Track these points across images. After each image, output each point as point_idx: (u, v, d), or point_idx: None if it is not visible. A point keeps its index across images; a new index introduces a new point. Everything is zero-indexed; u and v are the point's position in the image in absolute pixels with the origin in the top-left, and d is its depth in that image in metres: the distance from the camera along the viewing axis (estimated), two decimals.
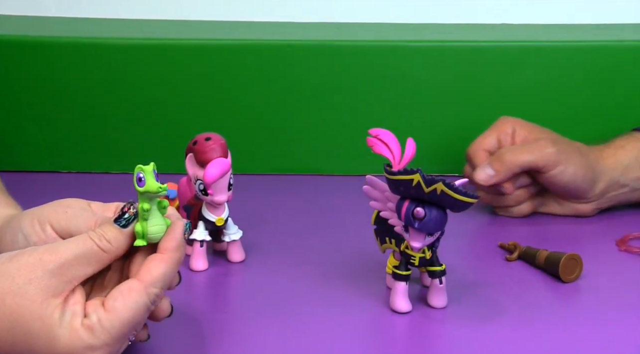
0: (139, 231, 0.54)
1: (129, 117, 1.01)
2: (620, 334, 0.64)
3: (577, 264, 0.73)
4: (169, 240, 0.55)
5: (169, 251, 0.55)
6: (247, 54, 1.00)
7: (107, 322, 0.52)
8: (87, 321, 0.52)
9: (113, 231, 0.54)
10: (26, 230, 0.58)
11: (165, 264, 0.54)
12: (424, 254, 0.65)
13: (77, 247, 0.53)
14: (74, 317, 0.52)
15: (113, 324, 0.52)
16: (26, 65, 1.00)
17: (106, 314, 0.52)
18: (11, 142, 1.02)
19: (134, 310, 0.53)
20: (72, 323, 0.52)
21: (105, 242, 0.53)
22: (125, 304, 0.52)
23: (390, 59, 1.00)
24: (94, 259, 0.53)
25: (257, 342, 0.62)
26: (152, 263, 0.54)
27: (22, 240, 0.57)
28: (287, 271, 0.74)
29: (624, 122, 0.99)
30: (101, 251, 0.53)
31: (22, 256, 0.52)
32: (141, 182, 0.53)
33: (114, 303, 0.52)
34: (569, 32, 1.08)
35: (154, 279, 0.53)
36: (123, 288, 0.53)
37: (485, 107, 1.00)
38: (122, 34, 1.05)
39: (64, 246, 0.53)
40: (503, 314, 0.67)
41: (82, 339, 0.52)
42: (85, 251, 0.53)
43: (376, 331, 0.65)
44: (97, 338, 0.52)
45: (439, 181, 0.59)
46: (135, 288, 0.53)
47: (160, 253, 0.55)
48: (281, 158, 1.02)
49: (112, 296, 0.53)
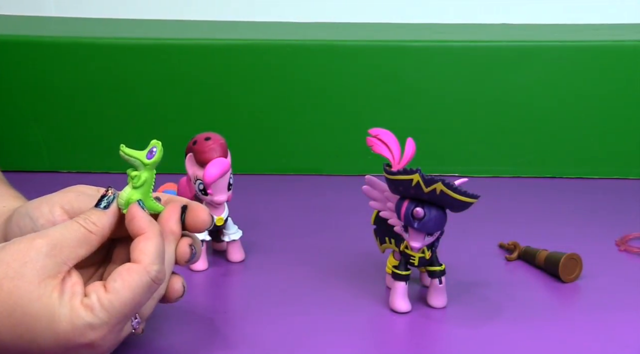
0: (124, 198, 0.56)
1: (129, 117, 1.01)
2: (620, 334, 0.64)
3: (577, 264, 0.73)
4: (138, 220, 0.55)
5: (143, 229, 0.55)
6: (247, 54, 1.00)
7: (106, 301, 0.52)
8: (87, 300, 0.52)
9: (96, 213, 0.56)
10: (33, 213, 0.58)
11: (151, 240, 0.55)
12: (424, 254, 0.65)
13: (66, 230, 0.54)
14: (74, 296, 0.52)
15: (113, 303, 0.52)
16: (26, 65, 1.00)
17: (106, 294, 0.53)
18: (11, 142, 1.02)
19: (135, 289, 0.53)
20: (72, 302, 0.52)
21: (90, 223, 0.55)
22: (124, 284, 0.53)
23: (390, 59, 1.00)
24: (83, 241, 0.54)
25: (257, 342, 0.62)
26: (140, 245, 0.55)
27: (29, 223, 0.58)
28: (287, 271, 0.74)
29: (623, 122, 1.00)
30: (88, 232, 0.54)
31: (13, 244, 0.53)
32: (151, 154, 0.56)
33: (114, 284, 0.53)
34: (569, 32, 1.08)
35: (150, 257, 0.54)
36: (122, 270, 0.54)
37: (486, 107, 1.00)
38: (122, 34, 1.05)
39: (52, 230, 0.54)
40: (503, 314, 0.67)
41: (82, 317, 0.52)
42: (73, 233, 0.54)
43: (376, 331, 0.65)
44: (96, 316, 0.52)
45: (439, 181, 0.59)
46: (135, 269, 0.54)
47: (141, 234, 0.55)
48: (281, 158, 1.02)
49: (112, 277, 0.53)
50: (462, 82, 1.00)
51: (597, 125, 1.00)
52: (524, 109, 1.00)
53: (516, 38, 1.04)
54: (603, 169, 1.01)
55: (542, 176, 1.02)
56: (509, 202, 0.93)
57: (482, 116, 1.01)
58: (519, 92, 1.00)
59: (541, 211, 0.90)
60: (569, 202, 0.94)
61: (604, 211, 0.90)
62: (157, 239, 0.55)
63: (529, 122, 1.00)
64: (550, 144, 1.01)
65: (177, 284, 0.58)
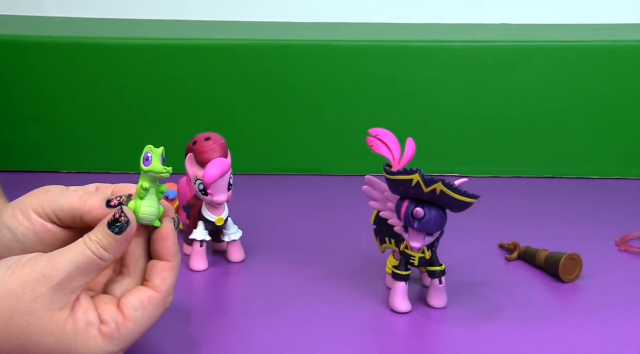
0: (131, 208, 0.54)
1: (129, 117, 1.01)
2: (620, 334, 0.64)
3: (576, 264, 0.73)
4: (170, 246, 0.56)
5: (172, 257, 0.56)
6: (247, 54, 1.00)
7: (125, 330, 0.53)
8: (106, 329, 0.53)
9: (108, 239, 0.53)
10: (10, 223, 0.57)
11: (174, 271, 0.56)
12: (424, 254, 0.65)
13: (77, 259, 0.52)
14: (89, 326, 0.52)
15: (131, 332, 0.53)
16: (26, 65, 1.00)
17: (125, 322, 0.53)
18: (11, 142, 1.02)
19: (153, 320, 0.55)
20: (88, 332, 0.52)
21: (102, 251, 0.53)
22: (145, 315, 0.54)
23: (390, 59, 1.00)
24: (94, 268, 0.53)
25: (257, 342, 0.62)
26: (165, 273, 0.55)
27: (8, 234, 0.57)
28: (287, 271, 0.74)
29: (624, 122, 1.00)
30: (99, 260, 0.53)
31: (23, 271, 0.52)
32: (147, 161, 0.54)
33: (135, 313, 0.53)
34: (569, 32, 1.08)
35: (169, 288, 0.55)
36: (143, 298, 0.54)
37: (486, 107, 1.00)
38: (122, 34, 1.05)
39: (63, 258, 0.52)
40: (503, 314, 0.67)
41: (101, 347, 0.52)
42: (85, 261, 0.52)
43: (376, 331, 0.65)
44: (115, 344, 0.53)
45: (438, 181, 0.59)
46: (155, 299, 0.54)
47: (167, 261, 0.56)
48: (281, 158, 1.02)
49: (131, 304, 0.54)
50: (462, 82, 1.00)
51: (597, 125, 1.00)
52: (523, 109, 1.00)
53: (516, 38, 1.04)
54: (603, 169, 1.01)
55: (542, 176, 1.02)
56: (509, 202, 0.93)
57: (482, 116, 1.01)
58: (519, 92, 1.00)
59: (541, 211, 0.90)
60: (569, 202, 0.94)
61: (604, 211, 0.90)
62: (177, 272, 0.56)
63: (529, 122, 1.00)
64: (550, 144, 1.01)
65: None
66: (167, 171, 0.54)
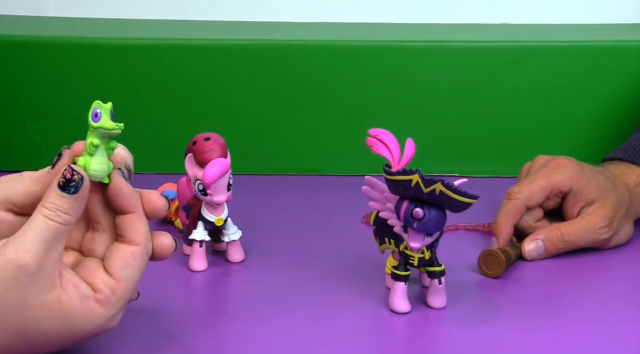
0: (80, 165, 0.54)
1: (129, 117, 1.00)
2: (620, 334, 0.64)
3: (497, 260, 0.72)
4: (127, 198, 0.55)
5: (134, 207, 0.55)
6: (247, 54, 1.00)
7: (120, 291, 0.53)
8: (101, 296, 0.53)
9: (67, 201, 0.52)
10: None
11: (143, 218, 0.55)
12: (423, 255, 0.65)
13: (42, 233, 0.51)
14: (85, 299, 0.52)
15: (126, 290, 0.54)
16: (26, 65, 1.00)
17: (118, 284, 0.53)
18: (11, 141, 1.02)
19: (142, 271, 0.55)
20: (86, 305, 0.52)
21: (65, 215, 0.52)
22: (134, 270, 0.54)
23: (390, 59, 1.00)
24: (61, 236, 0.52)
25: (256, 342, 0.62)
26: (135, 225, 0.55)
27: None
28: (287, 271, 0.74)
29: (623, 122, 0.99)
30: (63, 226, 0.52)
31: None
32: (97, 117, 0.54)
33: (123, 273, 0.54)
34: (569, 32, 1.08)
35: (145, 237, 0.55)
36: (126, 256, 0.54)
37: (486, 107, 1.00)
38: (122, 34, 1.05)
39: (29, 239, 0.51)
40: (502, 315, 0.67)
41: (103, 315, 0.53)
42: (51, 234, 0.51)
43: (375, 331, 0.65)
44: (114, 307, 0.53)
45: (438, 181, 0.59)
46: (138, 252, 0.54)
47: (132, 212, 0.55)
48: (281, 158, 1.02)
49: (117, 266, 0.54)
50: (462, 82, 1.00)
51: (597, 125, 1.00)
52: (523, 109, 1.00)
53: (516, 38, 1.04)
54: None
55: None
56: None
57: (482, 116, 1.01)
58: (519, 92, 1.00)
59: None
60: None
61: None
62: (145, 218, 0.56)
63: (528, 122, 1.00)
64: (550, 144, 1.01)
65: (167, 240, 0.57)
66: (119, 127, 0.54)
